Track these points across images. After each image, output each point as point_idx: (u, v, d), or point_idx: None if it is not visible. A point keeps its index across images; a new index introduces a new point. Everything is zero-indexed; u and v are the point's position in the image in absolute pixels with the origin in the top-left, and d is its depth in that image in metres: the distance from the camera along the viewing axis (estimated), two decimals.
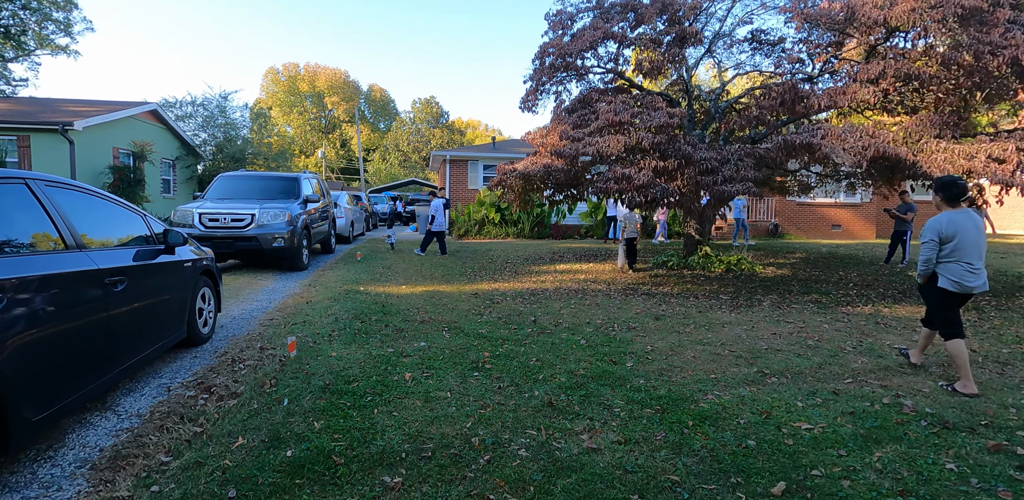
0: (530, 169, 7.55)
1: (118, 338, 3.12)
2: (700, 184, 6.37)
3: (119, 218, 3.62)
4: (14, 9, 29.47)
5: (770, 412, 3.27)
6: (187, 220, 7.93)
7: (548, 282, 8.33)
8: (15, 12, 29.56)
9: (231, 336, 4.84)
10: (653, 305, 6.59)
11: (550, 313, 6.04)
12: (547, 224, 17.80)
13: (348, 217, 14.60)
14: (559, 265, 10.48)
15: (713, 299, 7.05)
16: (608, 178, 6.46)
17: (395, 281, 8.04)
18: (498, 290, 7.53)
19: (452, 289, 7.50)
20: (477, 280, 8.45)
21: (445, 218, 12.13)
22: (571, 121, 7.63)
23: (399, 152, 55.01)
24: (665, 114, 6.64)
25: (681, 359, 4.34)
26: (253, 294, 6.83)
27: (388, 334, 4.84)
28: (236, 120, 23.14)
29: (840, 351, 4.65)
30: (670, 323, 5.62)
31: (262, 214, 8.07)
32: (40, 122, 13.46)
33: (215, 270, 4.92)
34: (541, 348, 4.57)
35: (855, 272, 9.93)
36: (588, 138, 6.77)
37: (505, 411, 3.21)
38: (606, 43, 8.04)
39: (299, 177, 9.72)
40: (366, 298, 6.48)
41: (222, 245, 7.80)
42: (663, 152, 6.54)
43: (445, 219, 12.11)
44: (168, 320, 3.89)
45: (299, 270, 8.79)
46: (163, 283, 3.82)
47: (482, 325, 5.37)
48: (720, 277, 9.08)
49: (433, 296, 6.91)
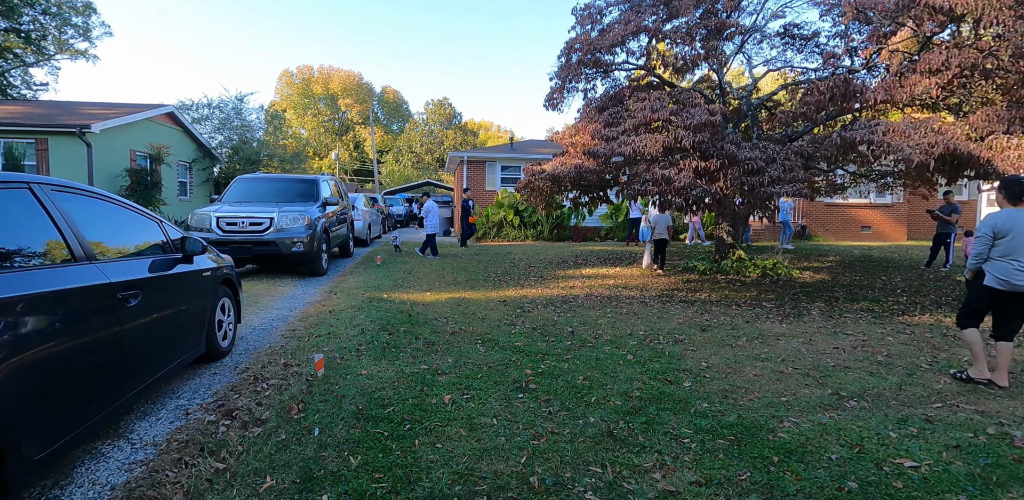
0: (559, 170, 7.18)
1: (132, 358, 2.81)
2: (745, 185, 5.96)
3: (133, 225, 3.32)
4: (35, 14, 29.80)
5: (862, 445, 2.87)
6: (205, 224, 7.68)
7: (577, 288, 7.95)
8: (36, 17, 29.90)
9: (252, 349, 4.53)
10: (695, 314, 6.19)
11: (587, 323, 5.67)
12: (567, 226, 17.41)
13: (365, 219, 14.34)
14: (585, 269, 10.09)
15: (757, 307, 6.62)
16: (646, 180, 6.07)
17: (418, 287, 7.72)
18: (527, 297, 7.17)
19: (479, 296, 7.16)
20: (503, 286, 8.10)
21: (439, 219, 12.22)
22: (602, 119, 7.25)
23: (412, 154, 54.91)
24: (705, 111, 6.24)
25: (742, 378, 3.95)
26: (273, 302, 6.54)
27: (419, 348, 4.50)
28: (252, 122, 23.06)
29: (916, 369, 4.22)
30: (719, 335, 5.22)
31: (281, 217, 7.79)
32: (57, 125, 13.38)
33: (235, 279, 4.62)
34: (586, 364, 4.20)
35: (898, 277, 9.42)
36: (623, 137, 6.39)
37: (561, 442, 2.85)
38: (638, 37, 7.65)
39: (318, 179, 9.45)
40: (391, 307, 6.15)
41: (240, 250, 7.53)
42: (704, 152, 6.14)
43: (438, 220, 12.11)
44: (186, 335, 3.59)
45: (318, 275, 8.51)
46: (181, 295, 3.52)
47: (517, 337, 5.01)
48: (756, 282, 8.64)
49: (460, 304, 6.57)
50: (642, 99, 7.10)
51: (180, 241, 3.69)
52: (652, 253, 9.96)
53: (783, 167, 5.95)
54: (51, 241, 2.46)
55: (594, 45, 7.80)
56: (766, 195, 5.82)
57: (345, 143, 56.49)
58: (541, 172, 7.38)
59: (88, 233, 2.74)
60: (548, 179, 7.30)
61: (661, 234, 9.73)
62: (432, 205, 12.08)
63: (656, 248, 9.84)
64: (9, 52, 30.88)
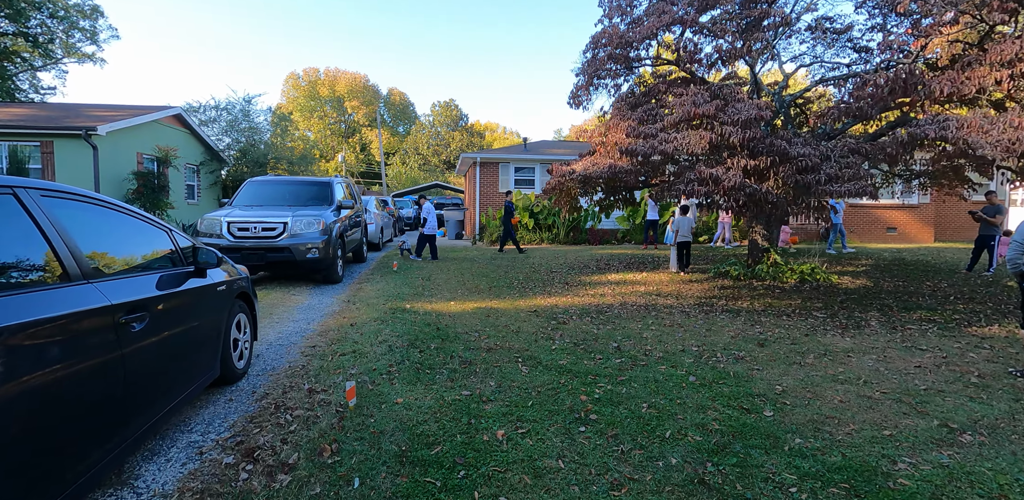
0: (591, 170, 6.73)
1: (138, 391, 2.38)
2: (800, 185, 5.48)
3: (139, 235, 2.88)
4: (42, 18, 29.70)
5: (1006, 496, 2.40)
6: (215, 229, 7.27)
7: (609, 296, 7.48)
8: (43, 21, 29.79)
9: (270, 369, 4.09)
10: (745, 326, 5.71)
11: (631, 337, 5.20)
12: (583, 228, 16.93)
13: (378, 223, 13.93)
14: (610, 275, 9.62)
15: (808, 317, 6.14)
16: (690, 180, 5.61)
17: (441, 296, 7.27)
18: (558, 306, 6.71)
19: (507, 306, 6.70)
20: (529, 294, 7.64)
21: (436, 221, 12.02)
22: (636, 116, 6.80)
23: (419, 155, 54.61)
24: (754, 106, 5.77)
25: (827, 404, 3.47)
26: (288, 313, 6.11)
27: (455, 368, 4.04)
28: (259, 124, 22.73)
29: (1020, 393, 3.72)
30: (780, 351, 4.74)
31: (295, 222, 7.37)
32: (63, 127, 13.05)
33: (251, 292, 4.19)
34: (645, 388, 3.73)
35: (943, 282, 8.90)
36: (663, 134, 5.93)
37: (646, 493, 2.39)
38: (672, 30, 7.19)
39: (331, 181, 9.03)
40: (416, 319, 5.70)
41: (252, 257, 7.12)
42: (752, 149, 5.67)
43: (436, 222, 11.82)
44: (199, 359, 3.15)
45: (334, 283, 8.08)
46: (193, 315, 3.08)
47: (559, 354, 4.55)
48: (796, 289, 8.14)
49: (488, 315, 6.11)
50: (679, 94, 6.63)
51: (192, 252, 3.25)
52: (677, 256, 9.82)
53: (839, 165, 5.47)
54: (40, 256, 2.03)
55: (624, 38, 7.35)
56: (824, 194, 5.35)
57: (351, 145, 56.27)
58: (571, 173, 6.92)
59: (85, 246, 2.31)
60: (579, 180, 6.84)
61: (685, 236, 9.67)
62: (430, 207, 11.78)
63: (680, 250, 9.73)
64: (17, 56, 30.79)
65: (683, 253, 9.68)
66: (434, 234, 11.70)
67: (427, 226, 11.73)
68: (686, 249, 9.69)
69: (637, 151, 5.96)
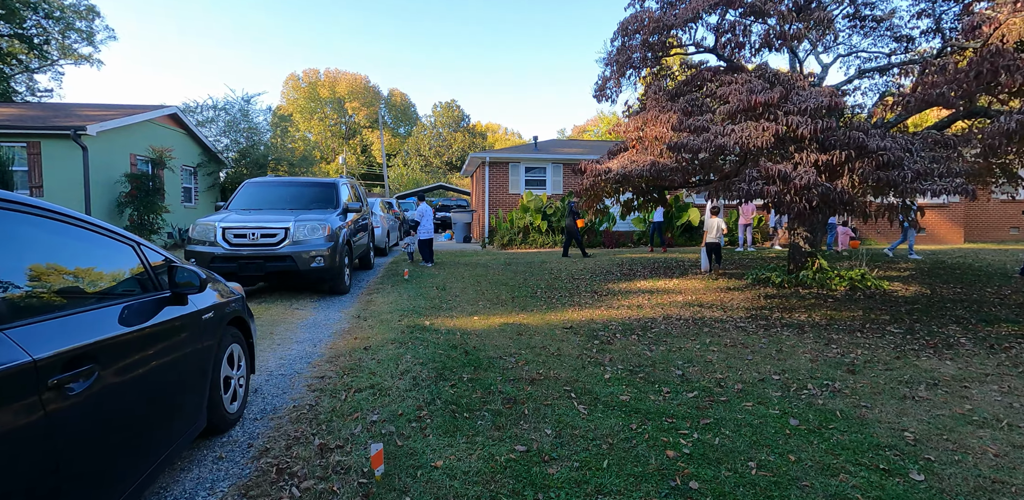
0: (630, 168, 5.98)
1: (81, 479, 1.65)
2: (882, 183, 4.74)
3: (91, 253, 2.14)
4: (37, 19, 29.05)
5: None
6: (208, 236, 6.52)
7: (647, 308, 6.73)
8: (38, 22, 29.15)
9: (270, 410, 3.34)
10: (818, 345, 4.96)
11: (693, 361, 4.44)
12: (597, 231, 16.18)
13: (384, 226, 13.17)
14: (638, 282, 8.86)
15: (884, 334, 5.38)
16: (752, 177, 4.87)
17: (461, 309, 6.51)
18: (594, 321, 5.96)
19: (537, 321, 5.95)
20: (557, 305, 6.89)
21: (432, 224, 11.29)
22: (678, 108, 6.06)
23: (420, 157, 53.91)
24: (824, 93, 5.03)
25: (982, 460, 2.72)
26: (291, 332, 5.35)
27: (498, 410, 3.29)
28: (259, 124, 22.00)
29: None
30: (879, 380, 3.98)
31: (297, 228, 6.62)
32: (50, 127, 12.33)
33: (246, 314, 3.44)
34: (740, 436, 2.98)
35: (1006, 288, 8.15)
36: (717, 127, 5.18)
37: None
38: (716, 11, 6.45)
39: (337, 182, 8.28)
40: (439, 339, 4.95)
41: (250, 266, 6.37)
42: (823, 142, 4.93)
43: (432, 225, 11.13)
44: (176, 412, 2.41)
45: (340, 294, 7.32)
46: (168, 356, 2.34)
47: (616, 386, 3.80)
48: (849, 298, 7.39)
49: (519, 332, 5.36)
50: (726, 83, 5.89)
51: (168, 272, 2.51)
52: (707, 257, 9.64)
53: (925, 159, 4.73)
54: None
55: (662, 22, 6.60)
56: (912, 193, 4.61)
57: (352, 147, 55.58)
58: (607, 171, 6.17)
59: (6, 273, 1.57)
60: (617, 179, 6.10)
61: (715, 239, 9.45)
62: (426, 208, 11.05)
63: (710, 252, 9.59)
64: (13, 58, 30.18)
65: (712, 255, 9.53)
66: (429, 238, 10.98)
67: (421, 229, 10.95)
68: (715, 251, 9.50)
69: (688, 146, 5.22)
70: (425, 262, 10.98)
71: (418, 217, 11.09)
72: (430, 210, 11.13)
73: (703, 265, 9.80)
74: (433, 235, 11.19)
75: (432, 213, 11.25)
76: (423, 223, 10.97)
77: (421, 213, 11.01)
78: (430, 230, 10.99)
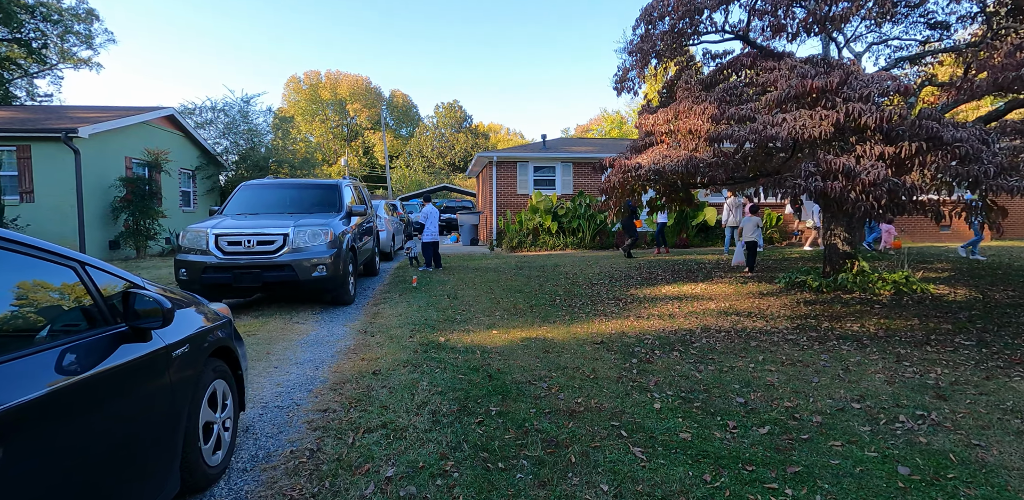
0: (663, 163, 5.40)
1: None
2: (960, 178, 4.16)
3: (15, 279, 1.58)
4: (35, 22, 28.68)
5: None
6: (199, 244, 5.97)
7: (679, 317, 6.15)
8: (37, 25, 28.79)
9: (262, 457, 2.78)
10: (888, 363, 4.37)
11: (750, 384, 3.86)
12: (610, 232, 15.59)
13: (389, 229, 12.61)
14: (663, 287, 8.28)
15: (958, 347, 4.79)
16: (810, 173, 4.29)
17: (476, 321, 5.95)
18: (625, 333, 5.38)
19: (562, 334, 5.38)
20: (580, 315, 6.32)
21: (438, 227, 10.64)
22: (715, 97, 5.48)
23: (423, 158, 53.39)
24: (887, 77, 4.45)
25: None
26: (290, 350, 4.79)
27: (539, 458, 2.71)
28: (259, 125, 21.48)
29: None
30: (975, 406, 3.40)
31: (297, 234, 6.07)
32: (41, 130, 11.82)
33: (235, 343, 2.88)
34: (842, 490, 2.40)
35: None
36: (765, 117, 4.60)
37: None
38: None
39: (340, 184, 7.73)
40: (456, 358, 4.38)
41: (246, 277, 5.81)
42: (887, 132, 4.35)
43: (437, 228, 10.50)
44: (137, 477, 1.85)
45: (344, 304, 6.76)
46: (124, 408, 1.79)
47: (671, 419, 3.22)
48: (897, 303, 6.79)
49: (546, 349, 4.79)
50: (770, 69, 5.31)
51: (123, 300, 1.95)
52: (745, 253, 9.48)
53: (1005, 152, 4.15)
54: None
55: (693, 4, 6.03)
56: (996, 190, 4.02)
57: (354, 149, 55.13)
58: (637, 167, 5.58)
59: None
60: (648, 176, 5.52)
61: (750, 237, 9.25)
62: (431, 210, 10.43)
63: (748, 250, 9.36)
64: (12, 63, 29.87)
65: (748, 254, 9.33)
66: (434, 241, 10.37)
67: (426, 232, 10.34)
68: (751, 249, 9.32)
69: (733, 137, 4.64)
70: (427, 266, 10.42)
71: (422, 219, 10.55)
72: (436, 212, 10.56)
73: (738, 257, 9.78)
74: (439, 238, 10.62)
75: (438, 215, 10.68)
76: (427, 226, 10.40)
77: (425, 215, 10.47)
78: (435, 233, 10.42)
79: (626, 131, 40.21)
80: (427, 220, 10.44)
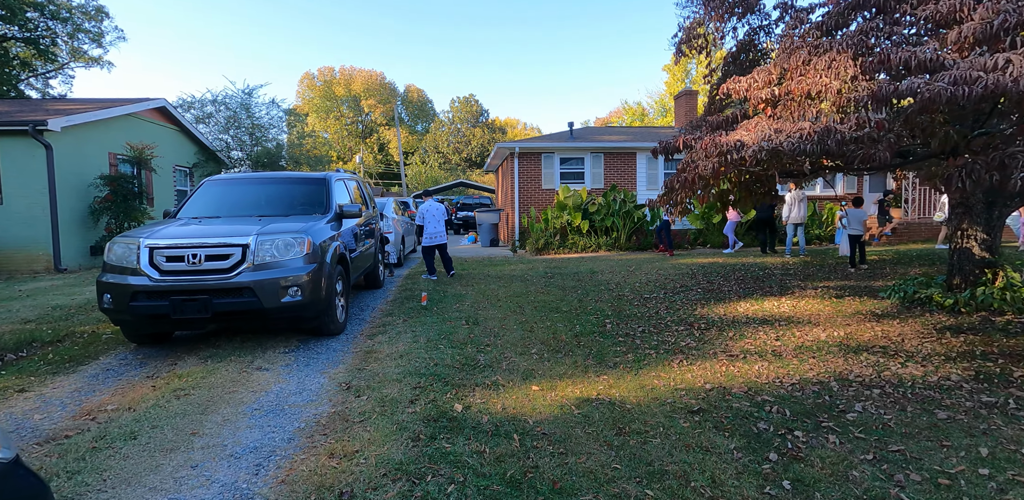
0: (780, 140, 3.65)
1: None
2: None
3: None
4: (44, 20, 27.84)
5: None
6: (128, 260, 4.38)
7: (789, 356, 4.40)
8: (46, 24, 27.96)
9: None
10: None
11: None
12: (647, 231, 13.78)
13: (398, 232, 10.97)
14: (737, 303, 6.51)
15: None
16: None
17: (506, 364, 4.27)
18: (728, 391, 3.65)
19: (633, 391, 3.67)
20: (646, 351, 4.61)
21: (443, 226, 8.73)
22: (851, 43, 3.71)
23: (439, 154, 51.90)
24: None
25: None
26: (229, 427, 3.17)
27: None
28: (262, 118, 20.06)
29: None
30: None
31: (261, 244, 4.45)
32: (5, 123, 10.44)
33: None
34: None
35: None
36: (973, 59, 2.83)
37: None
38: None
39: (328, 178, 6.08)
40: (481, 456, 2.71)
41: (189, 306, 4.21)
42: None
43: (442, 228, 8.67)
44: None
45: (330, 336, 5.13)
46: None
47: None
48: None
49: (617, 427, 3.09)
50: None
51: None
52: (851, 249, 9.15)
53: None
54: None
55: None
56: None
57: (369, 146, 53.91)
58: (738, 146, 3.82)
59: None
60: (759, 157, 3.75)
61: (856, 231, 8.94)
62: (431, 207, 8.63)
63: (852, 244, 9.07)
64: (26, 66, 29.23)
65: (855, 249, 8.94)
66: (437, 244, 8.64)
67: (426, 235, 8.61)
68: (857, 243, 8.95)
69: (917, 92, 2.86)
70: (429, 274, 8.75)
71: (419, 220, 8.73)
72: (439, 209, 8.68)
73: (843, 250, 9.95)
74: (444, 240, 8.66)
75: (442, 212, 8.74)
76: (426, 227, 8.59)
77: (421, 215, 8.61)
78: (437, 234, 8.59)
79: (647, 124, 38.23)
80: (424, 220, 8.62)
